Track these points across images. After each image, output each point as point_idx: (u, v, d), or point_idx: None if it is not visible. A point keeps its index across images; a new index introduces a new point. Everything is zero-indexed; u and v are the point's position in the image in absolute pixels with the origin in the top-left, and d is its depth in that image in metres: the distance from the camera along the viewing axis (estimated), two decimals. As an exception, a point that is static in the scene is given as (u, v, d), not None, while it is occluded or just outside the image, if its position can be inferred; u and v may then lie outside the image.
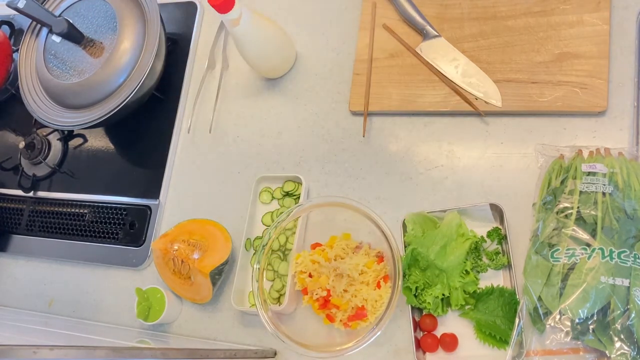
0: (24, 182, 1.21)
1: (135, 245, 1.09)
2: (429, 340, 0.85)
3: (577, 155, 0.84)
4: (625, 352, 0.71)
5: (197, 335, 1.01)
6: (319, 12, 1.11)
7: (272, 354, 0.94)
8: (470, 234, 0.87)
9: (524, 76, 0.92)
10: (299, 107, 1.07)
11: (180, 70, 1.18)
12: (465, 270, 0.85)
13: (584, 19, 0.92)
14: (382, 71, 1.01)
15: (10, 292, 1.17)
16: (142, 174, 1.14)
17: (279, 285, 0.96)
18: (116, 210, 1.13)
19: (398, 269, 0.83)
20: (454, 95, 0.96)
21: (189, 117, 1.14)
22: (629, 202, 0.77)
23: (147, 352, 0.73)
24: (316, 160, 1.03)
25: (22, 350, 0.56)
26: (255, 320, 0.97)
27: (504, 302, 0.83)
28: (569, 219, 0.78)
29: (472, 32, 0.98)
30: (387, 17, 1.04)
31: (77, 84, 1.07)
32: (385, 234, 0.85)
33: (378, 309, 0.86)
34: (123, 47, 1.06)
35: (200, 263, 0.97)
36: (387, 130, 1.00)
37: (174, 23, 1.21)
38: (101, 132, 1.21)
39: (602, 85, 0.88)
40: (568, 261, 0.76)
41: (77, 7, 1.12)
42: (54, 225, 1.17)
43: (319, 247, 0.93)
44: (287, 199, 1.01)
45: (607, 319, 0.73)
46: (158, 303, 0.99)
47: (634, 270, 0.74)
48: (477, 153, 0.94)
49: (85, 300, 1.10)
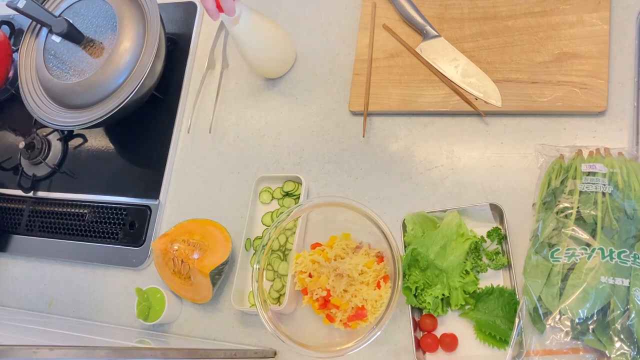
0: (24, 182, 1.21)
1: (135, 245, 1.09)
2: (429, 340, 0.85)
3: (577, 155, 0.84)
4: (625, 352, 0.71)
5: (197, 335, 1.01)
6: (319, 12, 1.12)
7: (272, 354, 0.94)
8: (470, 234, 0.87)
9: (524, 76, 0.92)
10: (299, 107, 1.08)
11: (180, 70, 1.18)
12: (465, 270, 0.85)
13: (584, 19, 0.92)
14: (382, 71, 1.01)
15: (10, 292, 1.17)
16: (142, 174, 1.14)
17: (279, 285, 0.96)
18: (116, 210, 1.13)
19: (398, 269, 0.83)
20: (454, 95, 0.96)
21: (189, 117, 1.14)
22: (629, 202, 0.77)
23: (147, 352, 0.73)
24: (316, 160, 1.03)
25: (22, 350, 0.56)
26: (255, 320, 0.97)
27: (504, 302, 0.83)
28: (569, 219, 0.78)
29: (472, 32, 0.98)
30: (387, 17, 1.04)
31: (77, 84, 1.07)
32: (385, 234, 0.85)
33: (378, 309, 0.86)
34: (123, 47, 1.06)
35: (200, 263, 0.97)
36: (387, 130, 1.00)
37: (174, 23, 1.21)
38: (101, 132, 1.21)
39: (602, 85, 0.88)
40: (568, 261, 0.76)
41: (77, 7, 1.12)
42: (54, 225, 1.17)
43: (319, 247, 0.93)
44: (287, 199, 1.01)
45: (607, 319, 0.73)
46: (158, 303, 0.99)
47: (634, 270, 0.74)
48: (477, 153, 0.94)
49: (85, 300, 1.10)
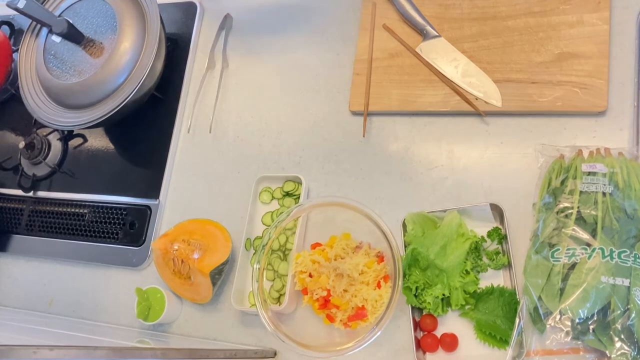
0: (24, 182, 1.21)
1: (135, 245, 1.09)
2: (429, 340, 0.85)
3: (577, 155, 0.84)
4: (626, 352, 0.71)
5: (197, 335, 1.01)
6: (319, 12, 1.11)
7: (272, 354, 0.94)
8: (470, 234, 0.87)
9: (524, 76, 0.92)
10: (299, 107, 1.07)
11: (180, 70, 1.18)
12: (465, 270, 0.85)
13: (584, 19, 0.92)
14: (382, 71, 1.01)
15: (10, 292, 1.17)
16: (142, 174, 1.14)
17: (279, 285, 0.96)
18: (116, 210, 1.13)
19: (398, 269, 0.83)
20: (454, 95, 0.96)
21: (189, 117, 1.14)
22: (629, 202, 0.77)
23: (147, 352, 0.73)
24: (316, 160, 1.03)
25: (22, 350, 0.56)
26: (255, 320, 0.97)
27: (504, 302, 0.83)
28: (569, 219, 0.78)
29: (472, 32, 0.98)
30: (387, 17, 1.04)
31: (77, 84, 1.07)
32: (385, 234, 0.85)
33: (378, 309, 0.86)
34: (123, 47, 1.06)
35: (200, 263, 0.97)
36: (387, 130, 1.00)
37: (174, 23, 1.21)
38: (101, 132, 1.21)
39: (602, 85, 0.88)
40: (568, 261, 0.76)
41: (77, 7, 1.12)
42: (54, 225, 1.17)
43: (319, 247, 0.93)
44: (287, 199, 1.01)
45: (608, 318, 0.73)
46: (158, 303, 0.99)
47: (634, 270, 0.74)
48: (477, 153, 0.94)
49: (85, 300, 1.10)
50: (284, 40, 1.13)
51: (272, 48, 1.14)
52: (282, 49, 1.13)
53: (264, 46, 1.14)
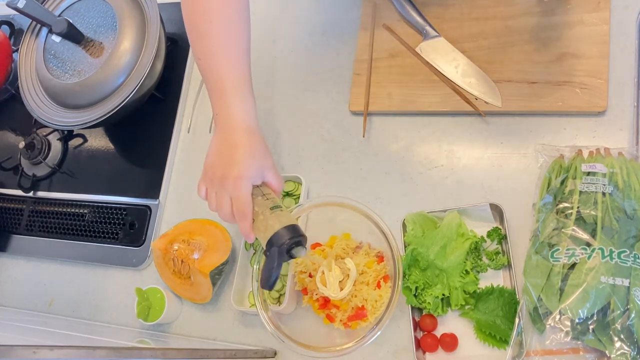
0: (23, 182, 1.21)
1: (135, 245, 1.09)
2: (429, 340, 0.85)
3: (577, 155, 0.84)
4: (625, 352, 0.71)
5: (197, 335, 1.01)
6: (319, 12, 1.11)
7: (272, 354, 0.94)
8: (470, 234, 0.87)
9: (524, 76, 0.92)
10: (299, 107, 1.07)
11: (180, 70, 1.18)
12: (465, 270, 0.85)
13: (584, 19, 0.92)
14: (382, 71, 1.01)
15: (10, 292, 1.17)
16: (142, 174, 1.14)
17: (279, 285, 0.96)
18: (116, 210, 1.13)
19: (398, 269, 0.83)
20: (454, 95, 0.96)
21: (189, 117, 1.14)
22: (629, 202, 0.77)
23: (147, 352, 0.73)
24: (316, 160, 1.03)
25: (22, 350, 0.56)
26: (255, 320, 0.97)
27: (504, 302, 0.83)
28: (569, 219, 0.78)
29: (472, 32, 0.98)
30: (387, 17, 1.04)
31: (77, 84, 1.07)
32: (385, 234, 0.85)
33: (378, 309, 0.86)
34: (123, 47, 1.06)
35: (200, 263, 0.97)
36: (387, 130, 1.00)
37: (174, 23, 1.21)
38: (101, 132, 1.21)
39: (602, 85, 0.88)
40: (568, 261, 0.76)
41: (77, 7, 1.12)
42: (54, 225, 1.17)
43: (319, 247, 0.93)
44: (287, 199, 1.01)
45: (607, 319, 0.73)
46: (158, 303, 0.99)
47: (634, 270, 0.74)
48: (477, 153, 0.94)
49: (85, 300, 1.10)
50: (283, 40, 1.13)
51: (271, 48, 1.14)
52: (281, 48, 1.13)
53: (263, 46, 1.14)
